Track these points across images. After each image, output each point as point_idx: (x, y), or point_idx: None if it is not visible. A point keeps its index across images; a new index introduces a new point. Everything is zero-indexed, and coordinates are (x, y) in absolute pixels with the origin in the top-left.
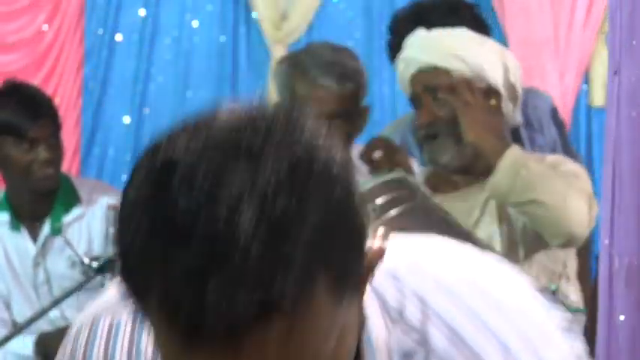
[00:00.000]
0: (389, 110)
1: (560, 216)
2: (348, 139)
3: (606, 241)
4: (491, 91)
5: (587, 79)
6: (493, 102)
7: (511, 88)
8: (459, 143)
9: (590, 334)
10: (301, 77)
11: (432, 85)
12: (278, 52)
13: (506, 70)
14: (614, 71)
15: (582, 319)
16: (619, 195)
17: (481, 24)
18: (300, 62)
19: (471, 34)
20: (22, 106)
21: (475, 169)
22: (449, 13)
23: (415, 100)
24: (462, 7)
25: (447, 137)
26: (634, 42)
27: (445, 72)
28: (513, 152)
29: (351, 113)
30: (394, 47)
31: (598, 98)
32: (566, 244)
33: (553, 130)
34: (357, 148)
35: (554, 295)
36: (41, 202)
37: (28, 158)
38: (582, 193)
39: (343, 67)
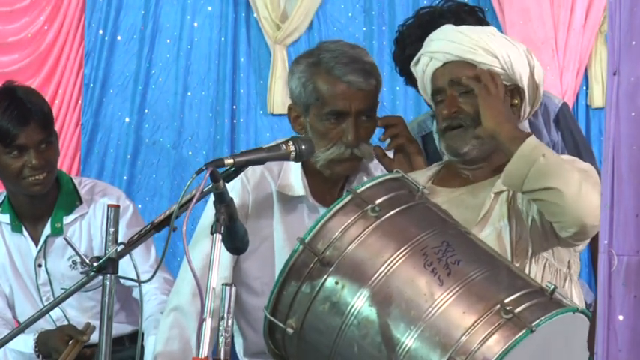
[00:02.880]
0: (388, 110)
1: (573, 205)
2: (371, 134)
3: (605, 241)
4: (515, 91)
5: (586, 79)
6: (516, 101)
7: (535, 89)
8: (477, 135)
9: (589, 334)
10: (325, 75)
11: (458, 78)
12: (278, 52)
13: (532, 71)
14: (614, 71)
15: (585, 320)
16: (618, 195)
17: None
18: (322, 60)
19: (500, 34)
20: (10, 114)
21: (490, 163)
22: (453, 24)
23: (437, 94)
24: (465, 14)
25: (468, 129)
26: (633, 42)
27: (472, 65)
28: (532, 140)
29: (374, 110)
30: (400, 60)
31: (597, 98)
32: (577, 235)
33: (554, 133)
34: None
35: (553, 293)
36: (42, 203)
37: (18, 164)
38: (596, 186)
39: (364, 62)
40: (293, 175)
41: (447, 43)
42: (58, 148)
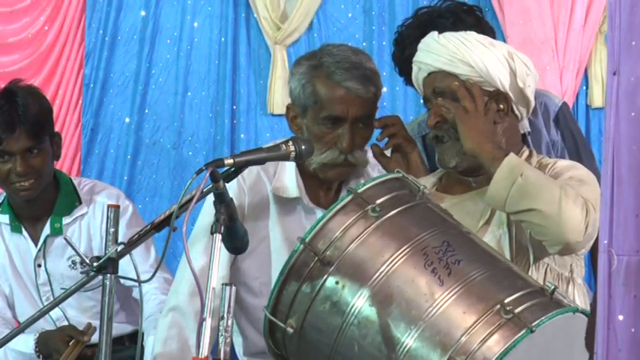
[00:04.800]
0: (388, 110)
1: (554, 224)
2: (367, 141)
3: (605, 241)
4: (500, 95)
5: (586, 79)
6: (502, 106)
7: (520, 92)
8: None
9: (589, 334)
10: (325, 79)
11: (439, 89)
12: (278, 52)
13: (512, 75)
14: (614, 71)
15: (586, 320)
16: (618, 195)
17: (485, 28)
18: (322, 64)
19: (480, 38)
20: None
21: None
22: (452, 24)
23: (427, 102)
24: (464, 14)
25: (454, 141)
26: (633, 42)
27: (453, 76)
28: (510, 160)
29: (371, 117)
30: (400, 61)
31: (597, 98)
32: (563, 251)
33: (554, 133)
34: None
35: (553, 294)
36: (41, 204)
37: (4, 169)
38: (578, 200)
39: (364, 69)
40: (288, 177)
41: (428, 54)
42: (51, 153)
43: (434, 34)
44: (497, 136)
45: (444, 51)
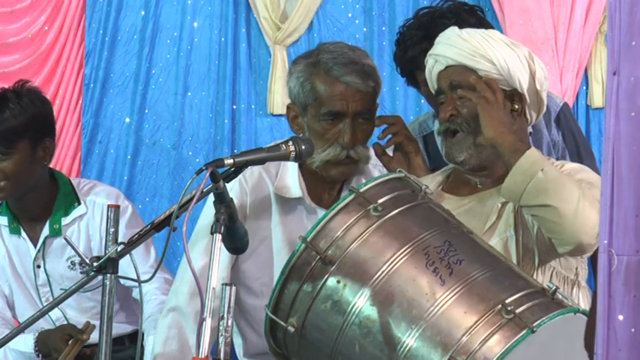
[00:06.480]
0: (388, 110)
1: (570, 223)
2: (368, 137)
3: (605, 241)
4: (515, 96)
5: (586, 79)
6: (517, 106)
7: (536, 94)
8: (478, 143)
9: (589, 334)
10: (324, 75)
11: (456, 82)
12: (278, 52)
13: (532, 77)
14: (613, 71)
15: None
16: (618, 195)
17: (486, 28)
18: (320, 61)
19: (503, 37)
20: None
21: (493, 171)
22: (453, 25)
23: (440, 95)
24: (465, 14)
25: (467, 135)
26: (633, 42)
27: (472, 71)
28: (532, 154)
29: (372, 112)
30: (402, 62)
31: (597, 98)
32: (574, 252)
33: (554, 133)
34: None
35: (554, 294)
36: (39, 205)
37: None
38: (595, 203)
39: (362, 64)
40: (290, 177)
41: (449, 47)
42: (31, 158)
43: (455, 28)
44: (520, 132)
45: (466, 45)
